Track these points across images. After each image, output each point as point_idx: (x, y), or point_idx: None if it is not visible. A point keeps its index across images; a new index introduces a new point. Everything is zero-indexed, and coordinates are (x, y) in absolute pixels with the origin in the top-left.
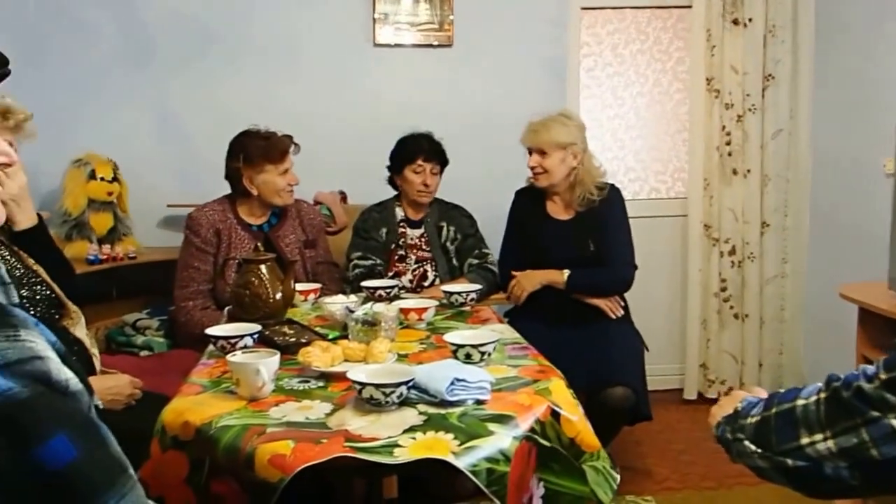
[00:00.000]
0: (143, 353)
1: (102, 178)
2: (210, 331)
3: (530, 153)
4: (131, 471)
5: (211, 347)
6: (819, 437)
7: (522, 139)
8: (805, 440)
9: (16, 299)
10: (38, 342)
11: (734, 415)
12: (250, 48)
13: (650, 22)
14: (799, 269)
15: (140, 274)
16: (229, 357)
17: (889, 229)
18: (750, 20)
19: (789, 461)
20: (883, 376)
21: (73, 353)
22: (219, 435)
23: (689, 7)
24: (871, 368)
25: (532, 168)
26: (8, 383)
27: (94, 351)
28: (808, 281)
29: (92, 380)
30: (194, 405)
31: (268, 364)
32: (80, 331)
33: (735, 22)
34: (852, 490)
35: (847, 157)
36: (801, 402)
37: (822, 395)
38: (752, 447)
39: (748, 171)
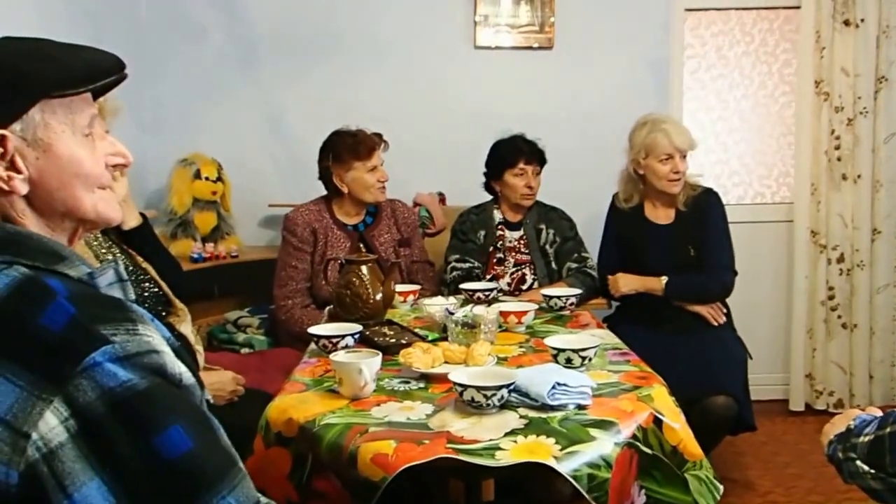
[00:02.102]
0: (244, 350)
1: (207, 178)
2: (312, 330)
3: (668, 158)
4: (241, 464)
5: (313, 346)
6: None
7: (675, 142)
8: None
9: (132, 296)
10: (155, 337)
11: (846, 433)
12: (354, 51)
13: (756, 23)
14: None
15: (241, 272)
16: (332, 356)
17: None
18: (862, 21)
19: None
20: None
21: None
22: (322, 433)
23: (798, 8)
24: None
25: (676, 173)
26: (128, 374)
27: (199, 348)
28: None
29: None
30: (298, 403)
31: (370, 364)
32: (186, 328)
33: (846, 23)
34: None
35: None
36: None
37: None
38: (865, 467)
39: (858, 176)
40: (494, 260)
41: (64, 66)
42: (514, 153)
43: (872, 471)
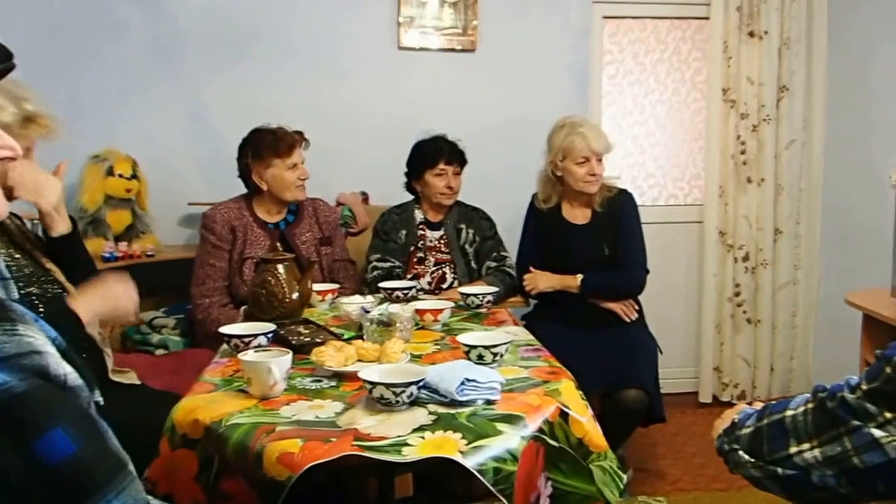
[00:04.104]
0: (159, 351)
1: (121, 175)
2: (224, 329)
3: (584, 160)
4: (131, 466)
5: (225, 346)
6: (806, 446)
7: (591, 145)
8: (794, 449)
9: (15, 295)
10: (37, 337)
11: (731, 426)
12: (278, 49)
13: (670, 32)
14: (811, 275)
15: (159, 272)
16: (241, 355)
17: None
18: (766, 32)
19: (779, 470)
20: (864, 387)
21: (84, 351)
22: (228, 433)
23: (707, 18)
24: (854, 379)
25: (591, 175)
26: (4, 377)
27: (108, 350)
28: (820, 287)
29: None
30: (205, 403)
31: (280, 363)
32: (93, 329)
33: (751, 34)
34: (841, 498)
35: (858, 166)
36: (790, 412)
37: (810, 405)
38: (746, 457)
39: (762, 179)
40: (415, 259)
41: None
42: (434, 153)
43: (753, 460)
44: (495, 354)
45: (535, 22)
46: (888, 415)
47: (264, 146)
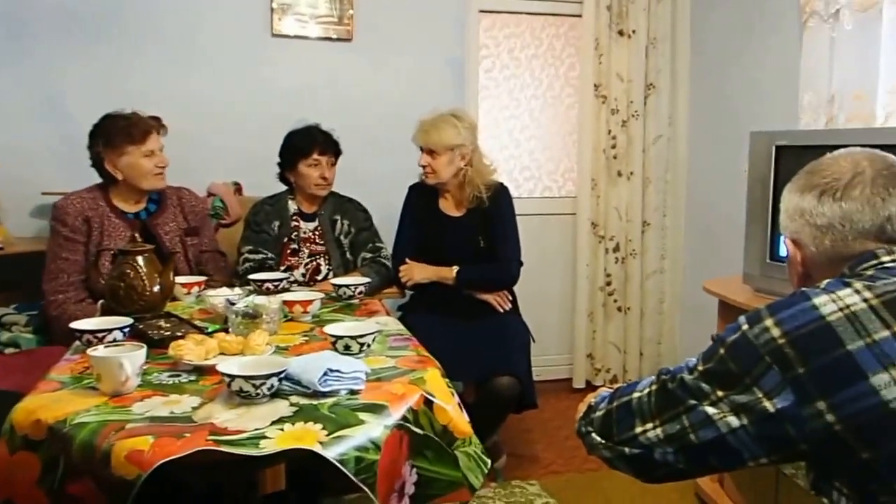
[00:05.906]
0: (9, 350)
1: None
2: (75, 325)
3: (421, 151)
4: None
5: (78, 343)
6: (650, 425)
7: (413, 138)
8: (639, 429)
9: None
10: None
11: (588, 410)
12: (142, 32)
13: (544, 28)
14: (676, 264)
15: (9, 266)
16: (90, 351)
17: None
18: (634, 31)
19: (627, 449)
20: (700, 367)
21: None
22: (73, 433)
23: (580, 16)
24: (692, 360)
25: (422, 166)
26: None
27: None
28: (684, 275)
29: None
30: (49, 402)
31: (132, 358)
32: None
33: (620, 32)
34: (680, 473)
35: (718, 160)
36: (636, 394)
37: (654, 387)
38: (598, 439)
39: (631, 172)
40: (289, 251)
41: None
42: (308, 143)
43: (604, 441)
44: (362, 344)
45: (411, 13)
46: (720, 393)
47: (116, 133)
